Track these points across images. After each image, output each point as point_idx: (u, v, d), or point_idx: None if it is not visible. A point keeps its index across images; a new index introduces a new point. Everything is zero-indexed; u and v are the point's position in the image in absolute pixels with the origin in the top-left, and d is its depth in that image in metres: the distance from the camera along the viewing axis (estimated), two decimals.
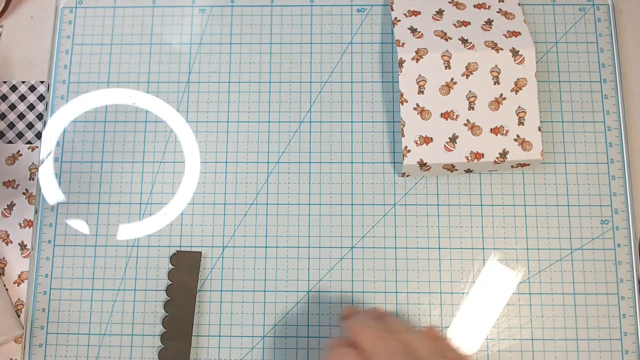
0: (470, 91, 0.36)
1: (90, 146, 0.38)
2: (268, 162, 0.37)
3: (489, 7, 0.38)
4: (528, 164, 0.36)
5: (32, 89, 0.39)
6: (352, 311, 0.33)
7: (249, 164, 0.37)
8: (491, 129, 0.36)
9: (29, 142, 0.38)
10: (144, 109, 0.38)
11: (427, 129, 0.36)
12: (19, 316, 0.36)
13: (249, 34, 0.39)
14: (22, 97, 0.39)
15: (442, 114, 0.36)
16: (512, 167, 0.36)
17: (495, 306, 0.35)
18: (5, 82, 0.39)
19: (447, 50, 0.36)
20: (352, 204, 0.37)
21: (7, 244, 0.37)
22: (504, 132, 0.35)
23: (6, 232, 0.37)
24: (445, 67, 0.36)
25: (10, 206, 0.38)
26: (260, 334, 0.35)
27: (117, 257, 0.36)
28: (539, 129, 0.35)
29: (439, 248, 0.36)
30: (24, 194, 0.38)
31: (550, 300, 0.35)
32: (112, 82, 0.39)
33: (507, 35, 0.36)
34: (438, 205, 0.37)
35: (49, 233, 0.37)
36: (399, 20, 0.37)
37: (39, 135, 0.38)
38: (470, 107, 0.36)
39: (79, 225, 0.37)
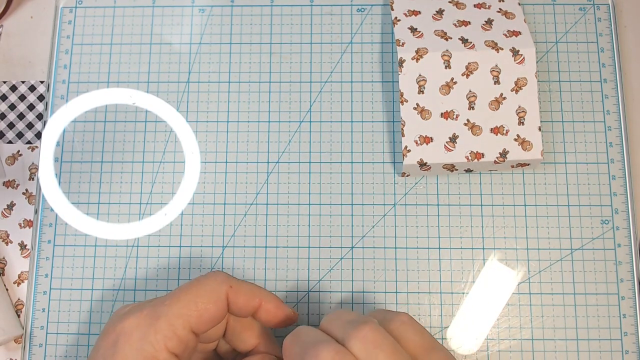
0: (470, 91, 0.36)
1: (90, 146, 0.38)
2: (268, 162, 0.37)
3: (489, 6, 0.38)
4: (528, 164, 0.36)
5: (32, 88, 0.39)
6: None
7: (249, 164, 0.37)
8: (491, 129, 0.36)
9: (28, 142, 0.38)
10: (144, 109, 0.38)
11: (427, 128, 0.36)
12: (19, 316, 0.36)
13: (249, 34, 0.39)
14: (22, 97, 0.39)
15: (442, 114, 0.36)
16: (512, 167, 0.36)
17: (495, 306, 0.35)
18: (5, 82, 0.39)
19: (447, 50, 0.36)
20: (352, 204, 0.37)
21: (7, 244, 0.37)
22: (504, 131, 0.35)
23: (6, 232, 0.37)
24: (446, 67, 0.36)
25: (10, 206, 0.38)
26: None
27: (117, 257, 0.36)
28: (539, 129, 0.35)
29: (439, 248, 0.36)
30: (24, 194, 0.38)
31: (550, 300, 0.35)
32: (112, 82, 0.39)
33: (507, 34, 0.36)
34: (438, 205, 0.37)
35: (49, 233, 0.37)
36: (399, 20, 0.37)
37: (38, 135, 0.38)
38: (470, 107, 0.36)
39: (79, 225, 0.37)
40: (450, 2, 0.38)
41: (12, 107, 0.39)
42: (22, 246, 0.37)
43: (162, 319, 0.27)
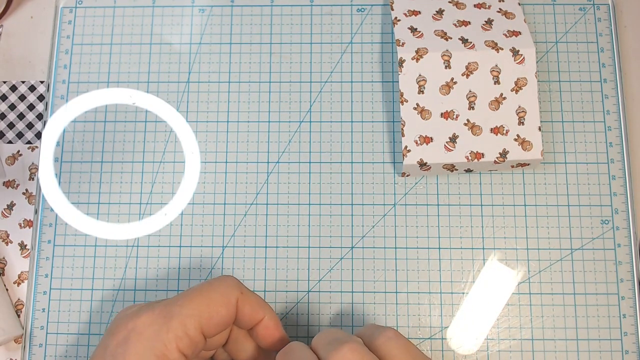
0: (470, 91, 0.36)
1: (90, 146, 0.38)
2: (268, 162, 0.37)
3: (489, 6, 0.38)
4: (528, 164, 0.36)
5: (32, 88, 0.39)
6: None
7: (249, 164, 0.37)
8: (491, 129, 0.36)
9: (28, 142, 0.38)
10: (144, 109, 0.38)
11: (427, 128, 0.36)
12: (19, 316, 0.36)
13: (249, 34, 0.39)
14: (22, 97, 0.39)
15: (442, 114, 0.36)
16: (512, 167, 0.36)
17: (495, 306, 0.35)
18: (5, 82, 0.39)
19: (447, 50, 0.36)
20: (352, 204, 0.37)
21: (7, 244, 0.37)
22: (504, 131, 0.35)
23: (6, 232, 0.37)
24: (446, 67, 0.36)
25: (10, 206, 0.38)
26: None
27: (117, 257, 0.36)
28: (539, 129, 0.35)
29: (439, 248, 0.36)
30: (24, 194, 0.38)
31: (550, 300, 0.35)
32: (112, 82, 0.39)
33: (507, 34, 0.36)
34: (438, 205, 0.37)
35: (49, 233, 0.37)
36: (399, 20, 0.37)
37: (38, 135, 0.38)
38: (470, 107, 0.36)
39: (79, 225, 0.37)
40: (450, 2, 0.38)
41: (12, 107, 0.39)
42: (22, 246, 0.37)
43: (175, 319, 0.27)
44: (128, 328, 0.27)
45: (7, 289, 0.36)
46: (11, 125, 0.38)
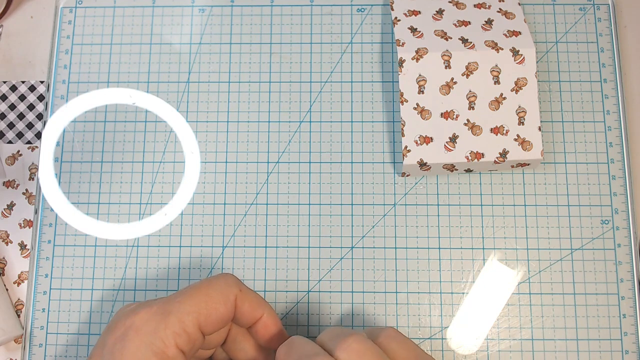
0: (470, 91, 0.36)
1: (90, 146, 0.38)
2: (268, 162, 0.37)
3: (489, 6, 0.38)
4: (528, 164, 0.36)
5: (32, 88, 0.39)
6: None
7: (249, 164, 0.37)
8: (491, 129, 0.36)
9: (28, 142, 0.38)
10: (144, 109, 0.38)
11: (427, 128, 0.36)
12: (19, 316, 0.36)
13: (249, 34, 0.39)
14: (22, 97, 0.39)
15: (442, 114, 0.36)
16: (512, 167, 0.36)
17: (495, 306, 0.35)
18: (5, 82, 0.39)
19: (447, 50, 0.36)
20: (352, 204, 0.37)
21: (7, 244, 0.37)
22: (504, 131, 0.35)
23: (6, 232, 0.37)
24: (446, 67, 0.36)
25: (10, 206, 0.38)
26: None
27: (117, 257, 0.36)
28: (539, 129, 0.35)
29: (439, 248, 0.36)
30: (24, 194, 0.38)
31: (550, 300, 0.35)
32: (112, 82, 0.39)
33: (508, 34, 0.36)
34: (438, 205, 0.37)
35: (49, 233, 0.37)
36: (399, 20, 0.37)
37: (38, 135, 0.38)
38: (471, 107, 0.36)
39: (79, 225, 0.37)
40: (450, 2, 0.38)
41: (12, 107, 0.39)
42: (22, 246, 0.37)
43: (173, 315, 0.27)
44: (126, 325, 0.27)
45: (7, 289, 0.36)
46: (11, 125, 0.39)
